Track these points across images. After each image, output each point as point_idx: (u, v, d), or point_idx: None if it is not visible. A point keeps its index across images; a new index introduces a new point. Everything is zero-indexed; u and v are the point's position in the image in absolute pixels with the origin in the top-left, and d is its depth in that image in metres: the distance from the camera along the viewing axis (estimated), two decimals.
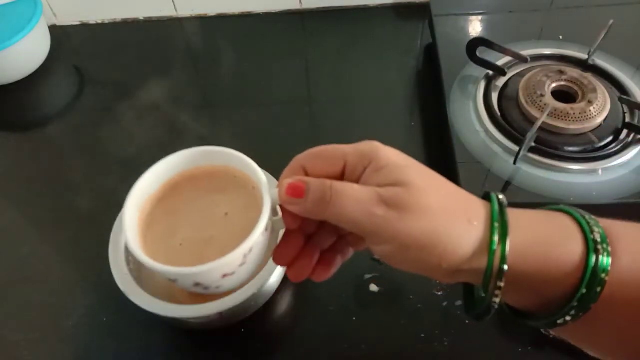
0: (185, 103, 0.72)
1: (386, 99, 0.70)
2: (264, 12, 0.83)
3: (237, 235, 0.31)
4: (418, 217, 0.28)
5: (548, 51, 0.66)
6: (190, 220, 0.34)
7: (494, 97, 0.61)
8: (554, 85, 0.59)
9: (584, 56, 0.63)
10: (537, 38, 0.68)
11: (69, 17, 0.83)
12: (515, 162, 0.54)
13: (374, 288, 0.52)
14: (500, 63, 0.63)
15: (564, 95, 0.59)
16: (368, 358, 0.48)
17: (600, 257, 0.27)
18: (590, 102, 0.56)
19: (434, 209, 0.28)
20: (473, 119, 0.60)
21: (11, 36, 0.70)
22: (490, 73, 0.64)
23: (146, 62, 0.78)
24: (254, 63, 0.76)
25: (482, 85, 0.63)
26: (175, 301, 0.45)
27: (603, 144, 0.56)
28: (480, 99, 0.61)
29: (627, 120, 0.58)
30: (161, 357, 0.50)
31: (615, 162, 0.54)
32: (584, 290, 0.27)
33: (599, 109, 0.56)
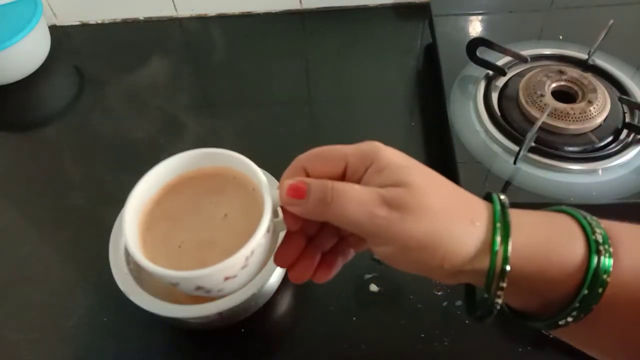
0: (186, 103, 0.72)
1: (386, 99, 0.70)
2: (264, 12, 0.83)
3: (238, 237, 0.31)
4: (420, 218, 0.28)
5: (548, 51, 0.66)
6: (189, 222, 0.34)
7: (494, 97, 0.61)
8: (554, 85, 0.59)
9: (584, 56, 0.63)
10: (537, 38, 0.68)
11: (69, 17, 0.83)
12: (515, 162, 0.54)
13: (374, 288, 0.52)
14: (500, 63, 0.63)
15: (564, 95, 0.59)
16: (368, 358, 0.48)
17: (602, 258, 0.27)
18: (590, 102, 0.56)
19: (435, 209, 0.28)
20: (473, 119, 0.60)
21: (11, 36, 0.70)
22: (490, 73, 0.64)
23: (146, 62, 0.78)
24: (254, 63, 0.76)
25: (482, 85, 0.63)
26: (175, 301, 0.45)
27: (603, 144, 0.56)
28: (480, 99, 0.61)
29: (627, 120, 0.58)
30: (161, 357, 0.50)
31: (615, 162, 0.54)
32: (586, 291, 0.27)
33: (599, 109, 0.56)
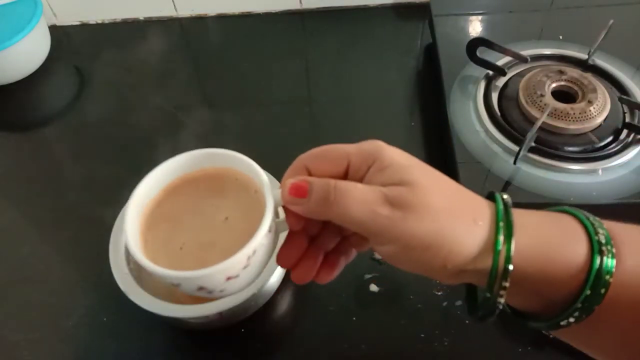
0: (186, 103, 0.72)
1: (386, 99, 0.70)
2: (264, 12, 0.83)
3: (240, 239, 0.30)
4: (422, 217, 0.27)
5: (548, 51, 0.66)
6: (191, 224, 0.33)
7: (494, 97, 0.61)
8: (554, 85, 0.59)
9: (584, 56, 0.63)
10: (537, 38, 0.68)
11: (69, 17, 0.83)
12: (515, 162, 0.54)
13: (374, 288, 0.52)
14: (500, 63, 0.63)
15: (564, 95, 0.59)
16: (368, 358, 0.48)
17: (605, 259, 0.27)
18: (590, 102, 0.56)
19: (438, 208, 0.28)
20: (473, 119, 0.60)
21: (11, 36, 0.70)
22: (490, 73, 0.64)
23: (146, 62, 0.78)
24: (254, 63, 0.76)
25: (482, 85, 0.63)
26: (175, 301, 0.45)
27: (603, 144, 0.56)
28: (480, 99, 0.61)
29: (627, 120, 0.58)
30: (161, 357, 0.50)
31: (615, 162, 0.54)
32: (588, 291, 0.27)
33: (599, 109, 0.56)
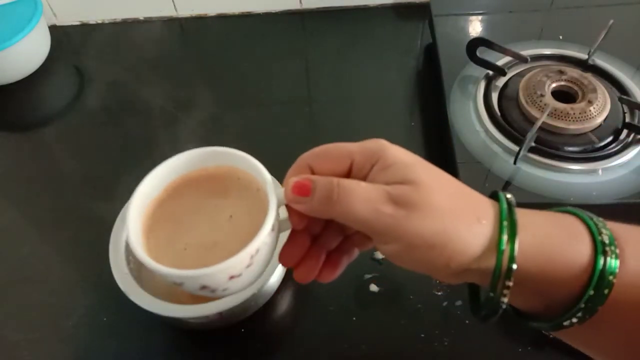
0: (186, 103, 0.72)
1: (386, 99, 0.70)
2: (264, 12, 0.83)
3: (242, 238, 0.30)
4: (426, 216, 0.27)
5: (548, 51, 0.66)
6: (193, 224, 0.33)
7: (494, 97, 0.61)
8: (554, 85, 0.59)
9: (584, 56, 0.63)
10: (537, 38, 0.68)
11: (69, 17, 0.83)
12: (515, 162, 0.54)
13: (374, 288, 0.52)
14: (500, 63, 0.63)
15: (564, 95, 0.59)
16: (368, 358, 0.48)
17: (608, 259, 0.27)
18: (590, 102, 0.56)
19: (442, 207, 0.28)
20: (473, 119, 0.60)
21: (11, 36, 0.70)
22: (490, 73, 0.64)
23: (146, 62, 0.78)
24: (254, 63, 0.76)
25: (482, 85, 0.63)
26: (175, 301, 0.45)
27: (603, 144, 0.56)
28: (480, 99, 0.61)
29: (627, 120, 0.58)
30: (161, 357, 0.50)
31: (615, 162, 0.54)
32: (592, 291, 0.27)
33: (599, 109, 0.56)
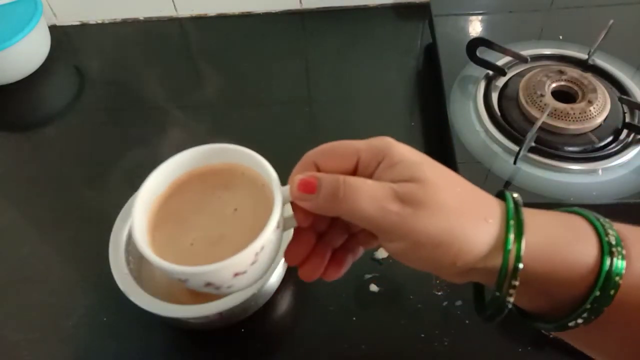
0: (186, 103, 0.72)
1: (386, 99, 0.70)
2: (264, 12, 0.83)
3: (247, 233, 0.30)
4: (433, 214, 0.27)
5: (548, 51, 0.66)
6: (199, 219, 0.33)
7: (494, 97, 0.61)
8: (554, 85, 0.59)
9: (584, 56, 0.63)
10: (537, 38, 0.68)
11: (69, 17, 0.83)
12: (515, 162, 0.54)
13: (374, 288, 0.52)
14: (500, 63, 0.63)
15: (564, 95, 0.59)
16: (368, 358, 0.48)
17: (615, 260, 0.27)
18: (590, 102, 0.56)
19: (449, 206, 0.28)
20: (473, 119, 0.60)
21: (11, 36, 0.70)
22: (490, 73, 0.64)
23: (146, 62, 0.78)
24: (254, 63, 0.76)
25: (482, 85, 0.63)
26: (175, 301, 0.45)
27: (603, 144, 0.56)
28: (480, 99, 0.61)
29: (627, 120, 0.58)
30: (161, 357, 0.50)
31: (615, 162, 0.54)
32: (598, 292, 0.27)
33: (599, 109, 0.56)
